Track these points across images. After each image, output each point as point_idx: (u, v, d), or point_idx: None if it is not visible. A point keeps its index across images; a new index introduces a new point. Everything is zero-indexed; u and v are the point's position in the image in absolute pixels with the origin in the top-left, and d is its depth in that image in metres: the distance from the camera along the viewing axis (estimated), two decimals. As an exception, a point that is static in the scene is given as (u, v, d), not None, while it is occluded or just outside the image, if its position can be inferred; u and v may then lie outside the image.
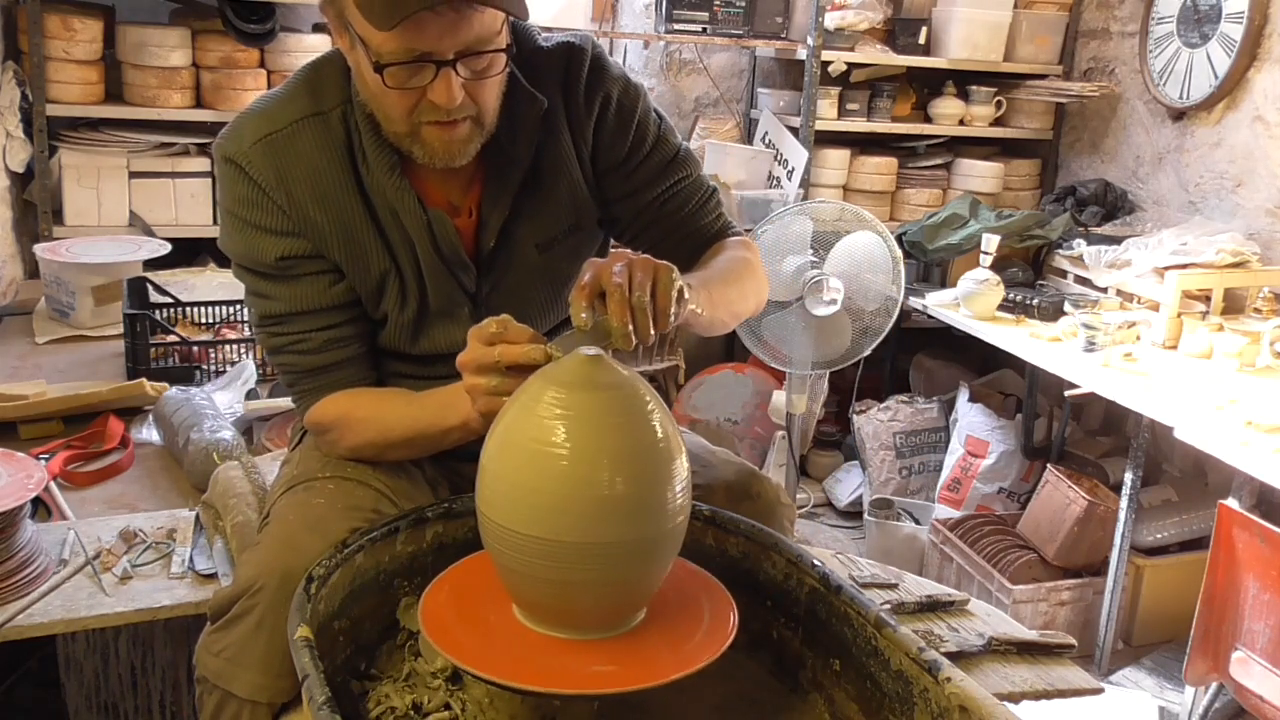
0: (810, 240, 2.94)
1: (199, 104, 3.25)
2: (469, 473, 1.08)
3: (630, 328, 1.06)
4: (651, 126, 1.42)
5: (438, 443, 1.31)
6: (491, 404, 1.11)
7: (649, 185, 1.42)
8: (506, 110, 1.28)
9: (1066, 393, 2.94)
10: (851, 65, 3.78)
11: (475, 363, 1.11)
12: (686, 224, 1.45)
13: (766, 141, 3.89)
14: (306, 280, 1.32)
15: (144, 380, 2.30)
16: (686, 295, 1.13)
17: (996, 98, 3.94)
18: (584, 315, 1.07)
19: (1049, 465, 3.19)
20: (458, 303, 1.37)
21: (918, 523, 3.50)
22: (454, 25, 1.14)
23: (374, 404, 1.35)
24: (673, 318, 1.10)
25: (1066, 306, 3.12)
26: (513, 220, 1.36)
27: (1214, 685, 2.49)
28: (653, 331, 1.08)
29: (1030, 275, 3.42)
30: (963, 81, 3.95)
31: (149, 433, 2.23)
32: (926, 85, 4.01)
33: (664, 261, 1.11)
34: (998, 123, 4.01)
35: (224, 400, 2.30)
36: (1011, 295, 3.21)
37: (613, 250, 1.44)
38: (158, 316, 2.62)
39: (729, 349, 4.09)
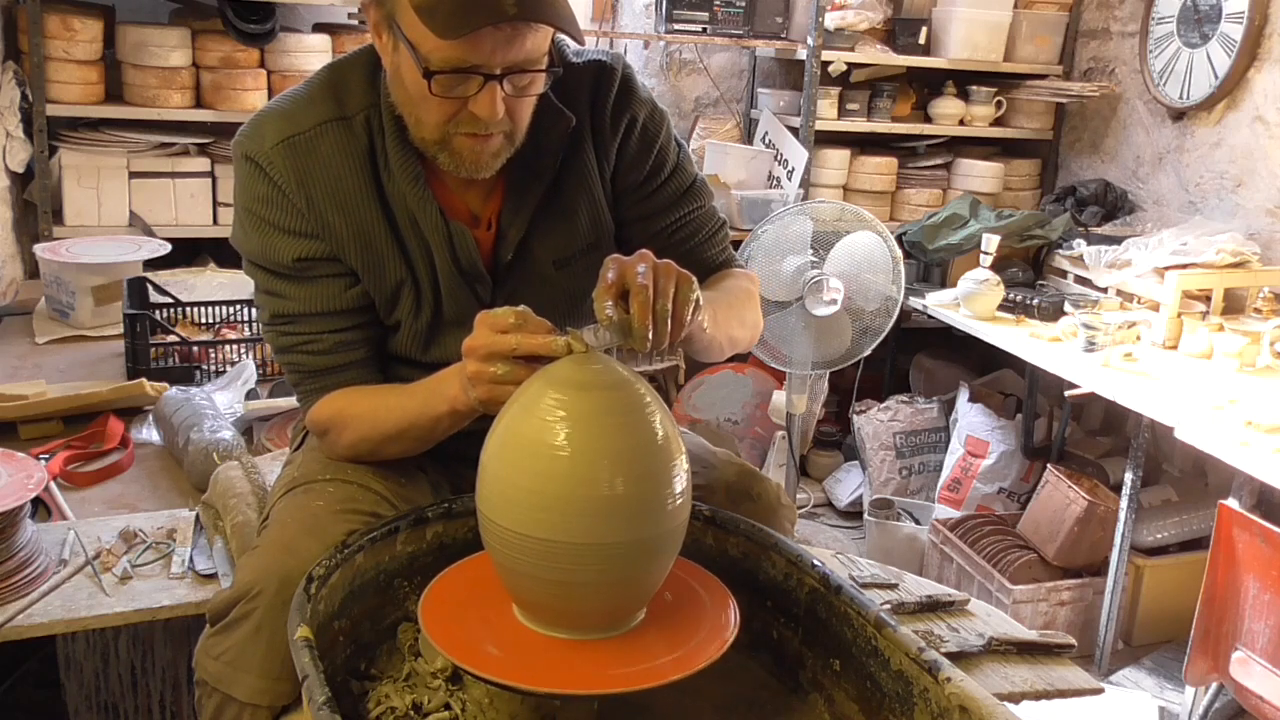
0: (810, 240, 2.94)
1: (199, 104, 3.25)
2: (470, 475, 1.08)
3: (650, 332, 1.06)
4: (671, 154, 1.43)
5: (429, 432, 1.29)
6: (494, 392, 1.10)
7: (663, 212, 1.43)
8: (533, 124, 1.28)
9: (1066, 393, 2.94)
10: (851, 65, 3.77)
11: (485, 349, 1.10)
12: (695, 254, 1.45)
13: (766, 141, 3.89)
14: (322, 282, 1.32)
15: (144, 380, 2.30)
16: (701, 307, 1.14)
17: (996, 98, 3.94)
18: (609, 311, 1.07)
19: (1049, 465, 3.19)
20: (471, 313, 1.37)
21: (918, 523, 3.50)
22: (509, 41, 1.14)
23: (367, 398, 1.34)
24: (686, 328, 1.11)
25: (1066, 306, 3.12)
26: (531, 234, 1.36)
27: (1214, 685, 2.48)
28: (667, 339, 1.08)
29: (1030, 275, 3.42)
30: (963, 81, 3.94)
31: (149, 433, 2.23)
32: (926, 85, 4.01)
33: (685, 271, 1.12)
34: (998, 123, 4.01)
35: (224, 400, 2.30)
36: (1011, 295, 3.21)
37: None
38: (158, 316, 2.62)
39: (729, 349, 4.08)
